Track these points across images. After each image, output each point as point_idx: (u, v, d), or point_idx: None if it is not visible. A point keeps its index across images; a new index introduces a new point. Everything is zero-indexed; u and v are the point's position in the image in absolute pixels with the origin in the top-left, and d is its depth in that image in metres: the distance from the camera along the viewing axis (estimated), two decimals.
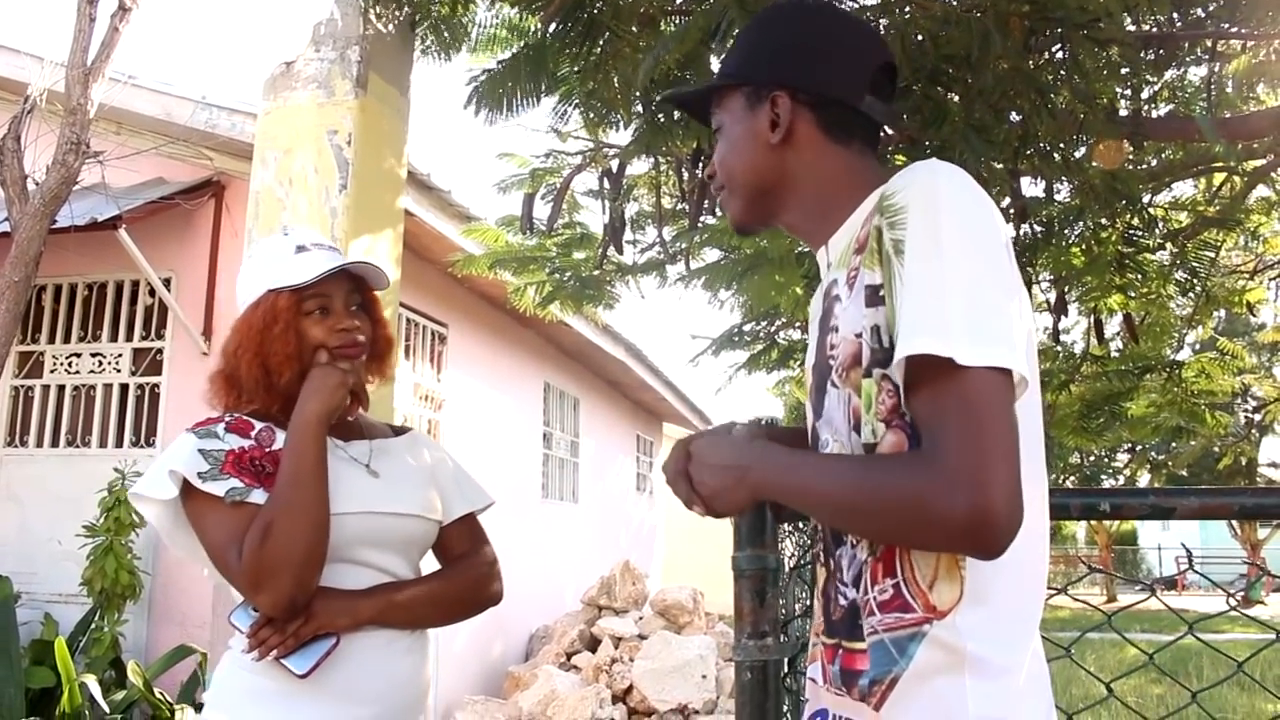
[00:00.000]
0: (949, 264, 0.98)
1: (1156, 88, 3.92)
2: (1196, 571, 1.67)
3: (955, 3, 2.52)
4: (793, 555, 2.19)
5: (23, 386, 6.66)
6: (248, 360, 1.65)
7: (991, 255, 1.00)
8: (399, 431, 1.87)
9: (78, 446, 6.51)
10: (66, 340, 6.65)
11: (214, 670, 1.67)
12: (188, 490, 1.57)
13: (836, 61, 1.22)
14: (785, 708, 1.83)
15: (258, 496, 1.56)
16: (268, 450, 1.63)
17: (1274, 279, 6.17)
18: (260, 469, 1.60)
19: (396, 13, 3.33)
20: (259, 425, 1.66)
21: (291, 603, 1.51)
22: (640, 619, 8.53)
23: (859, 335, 1.06)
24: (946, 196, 1.02)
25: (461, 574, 1.77)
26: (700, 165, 4.42)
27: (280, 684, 1.54)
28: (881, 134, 1.26)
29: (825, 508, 1.07)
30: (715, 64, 3.40)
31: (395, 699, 1.62)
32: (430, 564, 1.79)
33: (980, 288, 0.97)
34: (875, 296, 1.04)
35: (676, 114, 3.42)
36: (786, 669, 1.82)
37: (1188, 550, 1.82)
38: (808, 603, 1.95)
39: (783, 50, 1.24)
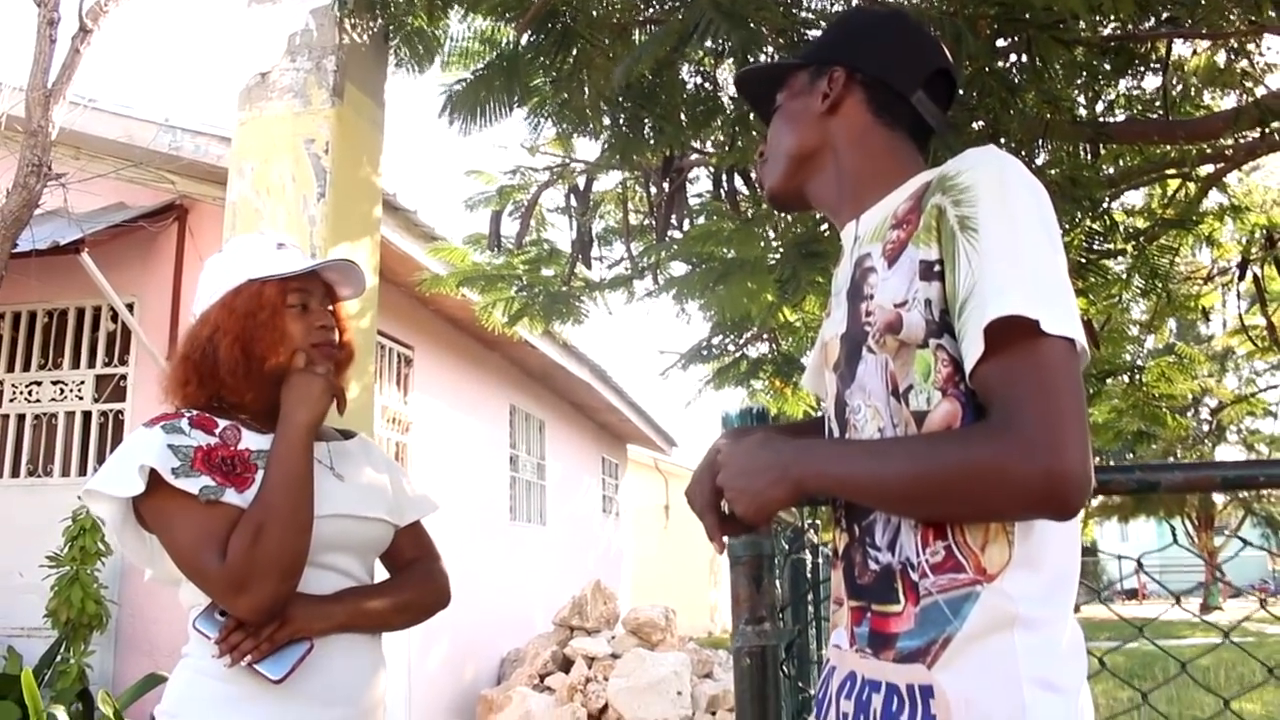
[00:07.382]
0: (1026, 239, 1.03)
1: (1113, 95, 4.01)
2: (1154, 579, 1.71)
3: (924, 4, 2.58)
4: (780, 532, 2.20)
5: None
6: (227, 345, 1.63)
7: (1056, 238, 1.06)
8: (346, 435, 1.84)
9: (40, 476, 6.39)
10: (26, 368, 6.54)
11: (171, 681, 1.61)
12: (154, 487, 1.51)
13: (894, 52, 1.31)
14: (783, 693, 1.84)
15: (231, 496, 1.53)
16: (234, 449, 1.60)
17: (1225, 284, 6.31)
18: (229, 468, 1.57)
19: (371, 23, 3.34)
20: (223, 423, 1.62)
21: (273, 607, 1.50)
22: (613, 638, 8.49)
23: (900, 305, 1.10)
24: (1014, 180, 1.07)
25: (423, 580, 1.80)
26: (669, 177, 4.46)
27: (249, 689, 1.51)
28: (931, 139, 1.33)
29: (886, 491, 1.07)
30: (687, 71, 3.45)
31: (362, 701, 1.62)
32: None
33: (1052, 264, 1.03)
34: (930, 271, 1.09)
35: (648, 123, 3.46)
36: (784, 654, 1.84)
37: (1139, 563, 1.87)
38: (804, 589, 1.97)
39: (848, 36, 1.36)
